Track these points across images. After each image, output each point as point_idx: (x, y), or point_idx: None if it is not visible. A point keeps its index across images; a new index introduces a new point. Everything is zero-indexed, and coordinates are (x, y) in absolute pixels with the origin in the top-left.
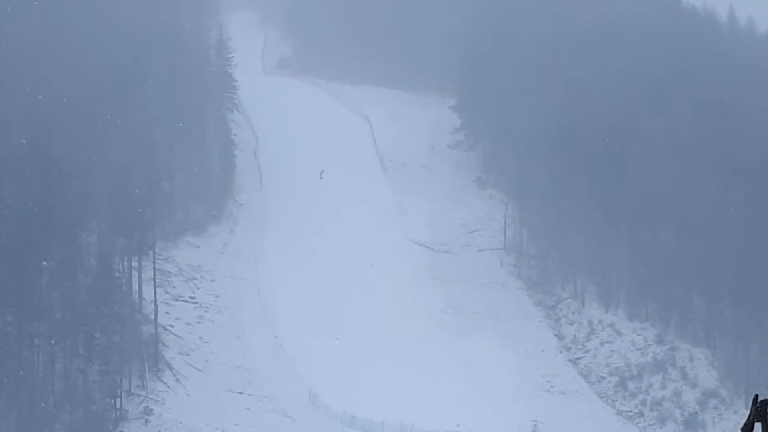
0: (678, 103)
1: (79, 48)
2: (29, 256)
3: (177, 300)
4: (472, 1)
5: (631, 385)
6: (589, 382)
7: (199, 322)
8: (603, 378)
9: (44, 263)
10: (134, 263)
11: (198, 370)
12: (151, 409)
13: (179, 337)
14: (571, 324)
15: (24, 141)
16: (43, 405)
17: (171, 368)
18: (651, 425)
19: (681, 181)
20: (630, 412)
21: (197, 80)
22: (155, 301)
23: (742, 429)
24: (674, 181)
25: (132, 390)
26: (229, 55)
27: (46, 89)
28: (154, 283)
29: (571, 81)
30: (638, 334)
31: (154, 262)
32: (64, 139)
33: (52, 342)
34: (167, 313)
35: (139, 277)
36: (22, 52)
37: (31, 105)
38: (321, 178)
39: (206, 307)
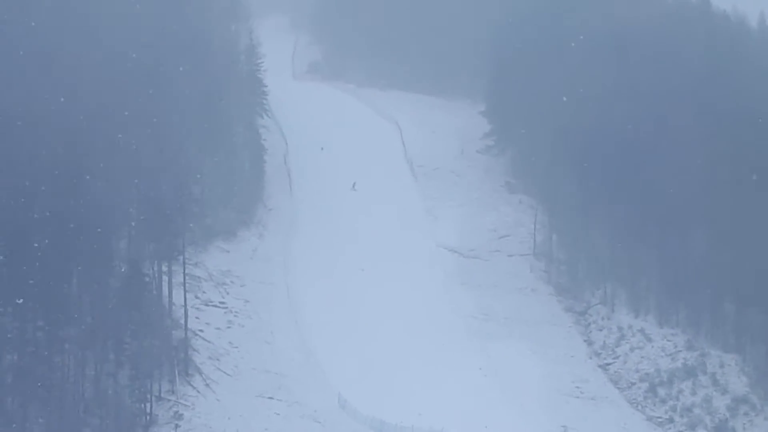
0: (707, 107)
1: (108, 53)
2: (59, 261)
3: (207, 305)
4: (501, 7)
5: (661, 391)
6: (618, 387)
7: (228, 327)
8: (633, 384)
9: (76, 268)
10: (164, 268)
11: (228, 375)
12: (181, 414)
13: (209, 342)
14: (601, 330)
15: (53, 147)
16: (73, 410)
17: (201, 373)
18: (681, 431)
19: (710, 185)
20: (660, 418)
21: (227, 85)
22: (185, 305)
23: None
24: (703, 186)
25: (162, 395)
26: (259, 60)
27: (75, 95)
28: (184, 287)
29: (601, 86)
30: (668, 340)
31: (184, 267)
32: (94, 145)
33: (82, 340)
34: (197, 317)
35: (169, 282)
36: (52, 58)
37: (59, 111)
38: (354, 189)
39: (236, 312)
